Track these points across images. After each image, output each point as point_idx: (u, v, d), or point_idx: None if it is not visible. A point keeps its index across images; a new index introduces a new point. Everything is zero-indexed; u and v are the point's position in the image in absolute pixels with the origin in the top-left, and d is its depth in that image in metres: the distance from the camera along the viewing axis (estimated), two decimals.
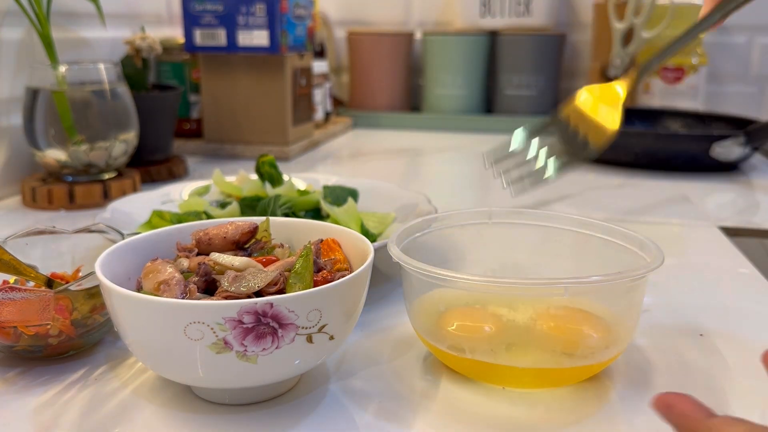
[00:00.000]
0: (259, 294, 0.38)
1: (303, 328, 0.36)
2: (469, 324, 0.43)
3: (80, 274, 0.51)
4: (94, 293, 0.44)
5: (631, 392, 0.42)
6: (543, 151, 0.43)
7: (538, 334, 0.42)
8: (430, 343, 0.43)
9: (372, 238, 0.60)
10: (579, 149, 0.43)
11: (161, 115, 0.98)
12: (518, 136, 0.44)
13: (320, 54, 1.37)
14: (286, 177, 0.71)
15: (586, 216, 0.50)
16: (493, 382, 0.42)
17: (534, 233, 0.51)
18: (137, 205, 0.68)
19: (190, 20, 1.08)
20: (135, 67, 0.96)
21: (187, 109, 1.20)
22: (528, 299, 0.42)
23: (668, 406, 0.31)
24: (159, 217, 0.64)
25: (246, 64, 1.10)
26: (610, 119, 0.42)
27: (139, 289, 0.40)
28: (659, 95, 1.30)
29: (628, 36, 1.31)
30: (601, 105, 0.43)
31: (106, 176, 0.86)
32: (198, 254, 0.44)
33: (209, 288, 0.40)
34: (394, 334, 0.50)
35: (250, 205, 0.65)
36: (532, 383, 0.42)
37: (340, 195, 0.68)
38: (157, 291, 0.39)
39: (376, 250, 0.43)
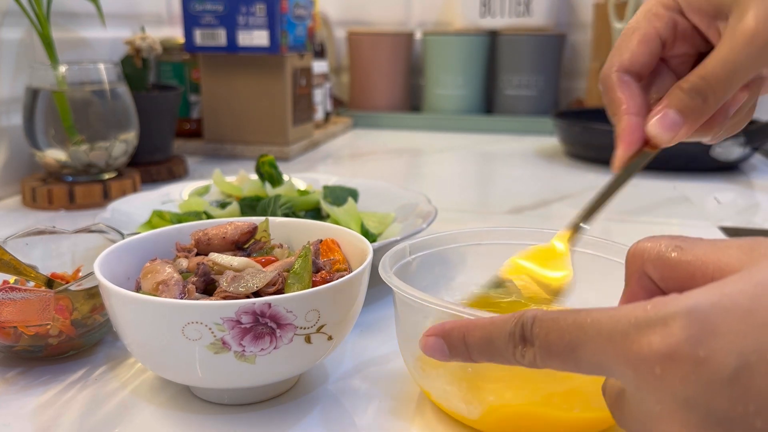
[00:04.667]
0: (257, 294, 0.38)
1: (301, 328, 0.36)
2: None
3: (80, 274, 0.51)
4: (94, 293, 0.44)
5: None
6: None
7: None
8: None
9: (372, 238, 0.60)
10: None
11: (161, 115, 0.98)
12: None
13: (320, 54, 1.37)
14: (286, 177, 0.71)
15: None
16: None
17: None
18: (137, 205, 0.68)
19: (190, 20, 1.08)
20: (135, 67, 0.96)
21: (187, 109, 1.20)
22: None
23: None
24: (159, 217, 0.64)
25: (246, 64, 1.10)
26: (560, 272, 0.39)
27: (138, 290, 0.40)
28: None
29: None
30: (543, 266, 0.40)
31: (106, 176, 0.86)
32: (197, 254, 0.44)
33: (208, 288, 0.40)
34: (394, 334, 0.50)
35: (250, 205, 0.65)
36: None
37: (340, 195, 0.68)
38: (155, 291, 0.39)
39: (375, 251, 0.43)
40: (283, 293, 0.38)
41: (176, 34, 1.25)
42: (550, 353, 0.26)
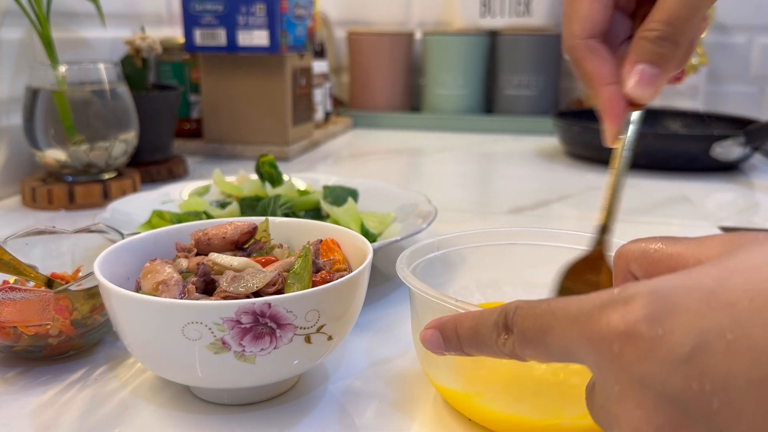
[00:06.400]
0: (257, 294, 0.38)
1: (301, 328, 0.36)
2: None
3: (80, 274, 0.51)
4: (94, 293, 0.44)
5: None
6: None
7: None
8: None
9: (372, 238, 0.60)
10: None
11: (161, 115, 0.98)
12: None
13: (320, 54, 1.37)
14: (286, 177, 0.71)
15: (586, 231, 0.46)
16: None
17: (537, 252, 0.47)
18: (137, 205, 0.68)
19: (190, 20, 1.08)
20: (135, 67, 0.96)
21: (187, 109, 1.20)
22: None
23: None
24: (159, 217, 0.64)
25: (246, 64, 1.10)
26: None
27: (138, 290, 0.40)
28: (659, 95, 1.30)
29: None
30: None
31: (106, 176, 0.86)
32: (197, 254, 0.44)
33: (208, 288, 0.40)
34: (394, 334, 0.50)
35: (250, 205, 0.65)
36: None
37: (340, 195, 0.68)
38: (155, 291, 0.39)
39: (375, 251, 0.43)
40: (283, 293, 0.38)
41: (176, 34, 1.25)
42: (525, 340, 0.26)
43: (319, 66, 1.32)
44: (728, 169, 1.04)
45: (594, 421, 0.27)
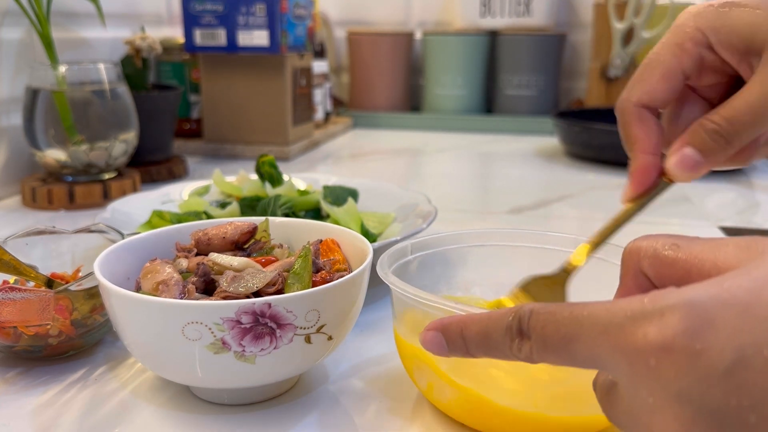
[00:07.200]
0: (257, 294, 0.38)
1: (301, 328, 0.36)
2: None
3: (80, 274, 0.51)
4: (94, 293, 0.44)
5: None
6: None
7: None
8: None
9: (372, 238, 0.60)
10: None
11: (161, 115, 0.98)
12: None
13: (320, 54, 1.37)
14: (286, 177, 0.71)
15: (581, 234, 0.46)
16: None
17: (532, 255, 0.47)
18: (137, 205, 0.68)
19: (190, 20, 1.08)
20: (135, 67, 0.96)
21: (187, 109, 1.20)
22: None
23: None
24: (159, 217, 0.64)
25: (246, 64, 1.10)
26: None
27: (138, 290, 0.40)
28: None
29: (628, 36, 1.31)
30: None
31: (106, 176, 0.86)
32: (197, 254, 0.44)
33: (208, 288, 0.40)
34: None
35: (250, 205, 0.65)
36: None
37: (340, 195, 0.68)
38: (155, 291, 0.39)
39: (375, 251, 0.43)
40: (283, 293, 0.38)
41: (176, 34, 1.25)
42: (546, 347, 0.26)
43: (319, 66, 1.32)
44: (728, 169, 1.04)
45: (611, 422, 0.27)
